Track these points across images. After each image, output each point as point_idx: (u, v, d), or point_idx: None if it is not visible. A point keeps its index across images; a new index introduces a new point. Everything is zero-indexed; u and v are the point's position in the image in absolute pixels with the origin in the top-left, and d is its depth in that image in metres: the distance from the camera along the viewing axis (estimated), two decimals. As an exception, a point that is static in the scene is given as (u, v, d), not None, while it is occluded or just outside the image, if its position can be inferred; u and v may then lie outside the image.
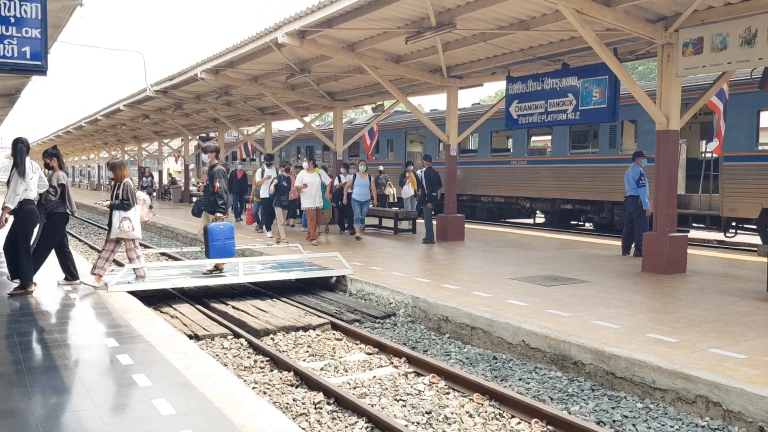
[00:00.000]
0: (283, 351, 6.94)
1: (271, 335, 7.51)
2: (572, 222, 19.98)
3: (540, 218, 21.51)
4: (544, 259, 11.40)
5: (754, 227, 13.91)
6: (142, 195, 9.03)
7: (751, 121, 13.10)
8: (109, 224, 8.59)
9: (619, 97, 10.47)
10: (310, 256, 10.63)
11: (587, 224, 19.58)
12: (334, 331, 7.70)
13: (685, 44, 9.51)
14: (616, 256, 11.86)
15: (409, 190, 17.88)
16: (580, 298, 8.01)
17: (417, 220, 16.68)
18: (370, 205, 15.44)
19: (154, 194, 31.10)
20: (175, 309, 8.72)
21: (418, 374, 6.15)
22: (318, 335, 7.54)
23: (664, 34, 9.69)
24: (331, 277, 10.03)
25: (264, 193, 15.36)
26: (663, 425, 4.85)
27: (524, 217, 21.61)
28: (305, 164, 14.07)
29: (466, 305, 7.54)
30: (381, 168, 20.51)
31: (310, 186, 13.57)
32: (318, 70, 15.64)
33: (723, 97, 11.06)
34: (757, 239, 14.32)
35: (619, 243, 12.69)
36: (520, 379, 5.97)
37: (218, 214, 9.71)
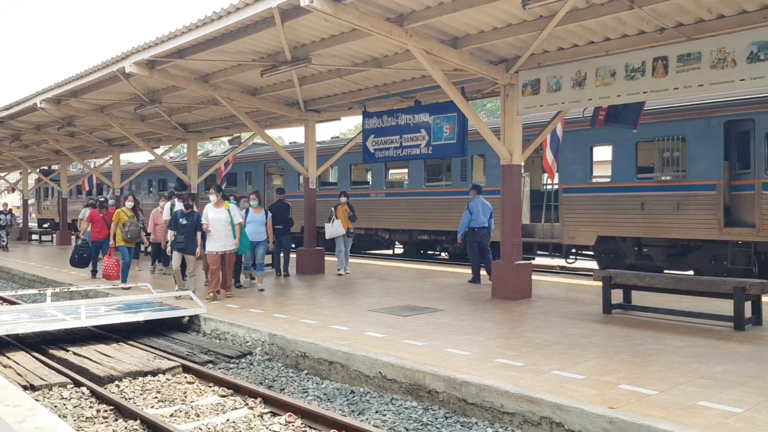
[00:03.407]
0: (130, 398, 6.50)
1: (117, 382, 7.02)
2: (429, 252, 20.60)
3: (399, 249, 21.97)
4: (402, 290, 11.62)
5: (591, 253, 15.05)
6: None
7: (586, 156, 14.24)
8: None
9: (467, 133, 11.02)
10: (161, 295, 10.14)
11: (443, 254, 20.26)
12: (186, 374, 7.33)
13: (525, 85, 10.21)
14: (469, 284, 12.32)
15: (339, 228, 13.95)
16: (434, 326, 8.22)
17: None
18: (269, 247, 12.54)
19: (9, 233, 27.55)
20: (8, 358, 7.96)
21: (275, 414, 5.98)
22: (168, 379, 7.14)
23: (505, 75, 10.34)
24: (184, 317, 9.59)
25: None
26: (511, 448, 5.05)
27: (384, 248, 21.99)
28: (213, 197, 11.00)
29: (324, 340, 7.48)
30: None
31: (215, 224, 10.75)
32: (170, 100, 15.14)
33: (553, 133, 12.04)
34: (594, 264, 15.47)
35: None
36: (377, 412, 5.98)
37: None
